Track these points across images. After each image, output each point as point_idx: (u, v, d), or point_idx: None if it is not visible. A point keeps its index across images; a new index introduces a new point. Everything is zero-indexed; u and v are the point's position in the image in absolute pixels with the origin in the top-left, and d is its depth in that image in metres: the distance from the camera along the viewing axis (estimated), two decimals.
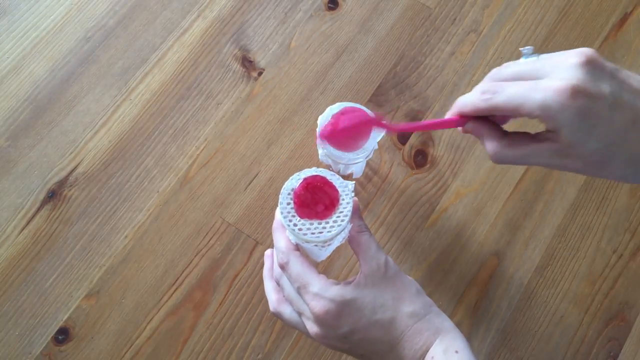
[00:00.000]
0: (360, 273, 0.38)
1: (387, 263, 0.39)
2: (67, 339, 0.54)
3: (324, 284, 0.37)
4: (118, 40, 0.65)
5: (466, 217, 0.59)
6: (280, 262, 0.39)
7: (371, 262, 0.38)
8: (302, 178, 0.39)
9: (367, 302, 0.37)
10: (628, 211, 0.60)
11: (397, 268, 0.39)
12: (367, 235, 0.39)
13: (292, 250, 0.39)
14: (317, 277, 0.37)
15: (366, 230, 0.40)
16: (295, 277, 0.38)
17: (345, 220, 0.38)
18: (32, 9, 0.66)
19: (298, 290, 0.38)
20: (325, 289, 0.37)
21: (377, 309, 0.37)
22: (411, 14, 0.67)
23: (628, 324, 0.56)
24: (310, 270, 0.38)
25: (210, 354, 0.54)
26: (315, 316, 0.37)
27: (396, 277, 0.38)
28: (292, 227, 0.38)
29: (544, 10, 0.67)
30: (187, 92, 0.63)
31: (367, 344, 0.37)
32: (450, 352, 0.35)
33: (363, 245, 0.39)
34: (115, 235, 0.58)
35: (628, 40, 0.66)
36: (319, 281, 0.37)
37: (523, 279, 0.57)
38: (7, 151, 0.60)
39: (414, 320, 0.37)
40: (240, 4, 0.66)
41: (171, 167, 0.60)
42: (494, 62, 0.65)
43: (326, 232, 0.38)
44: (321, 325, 0.37)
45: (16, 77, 0.63)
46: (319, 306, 0.36)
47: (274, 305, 0.42)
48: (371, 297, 0.37)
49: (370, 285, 0.37)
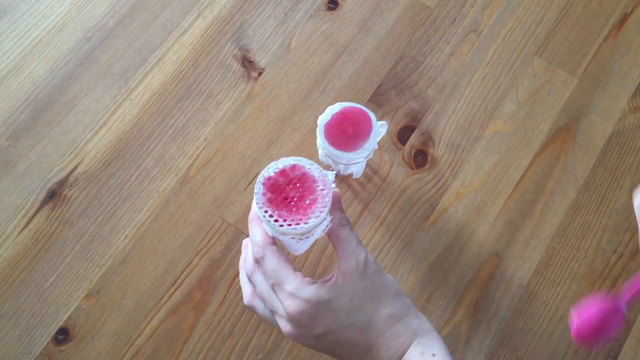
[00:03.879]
0: (339, 270, 0.37)
1: (367, 260, 0.37)
2: (67, 339, 0.54)
3: (300, 283, 0.35)
4: (118, 40, 0.65)
5: (466, 217, 0.59)
6: (256, 256, 0.37)
7: (350, 259, 0.37)
8: (279, 167, 0.37)
9: (343, 303, 0.35)
10: (628, 211, 0.60)
11: (377, 266, 0.38)
12: (347, 230, 0.38)
13: (268, 245, 0.37)
14: (293, 275, 0.36)
15: (347, 224, 0.38)
16: (270, 273, 0.36)
17: (324, 211, 0.36)
18: (32, 9, 0.66)
19: (272, 287, 0.37)
20: (300, 288, 0.35)
21: (353, 310, 0.36)
22: (411, 14, 0.67)
23: (628, 324, 0.56)
24: (286, 267, 0.36)
25: (210, 354, 0.54)
26: (289, 316, 0.36)
27: (375, 276, 0.37)
28: (268, 219, 0.36)
29: (544, 10, 0.67)
30: (187, 92, 0.63)
31: (342, 346, 0.36)
32: (427, 355, 0.35)
33: (343, 240, 0.37)
34: (115, 235, 0.58)
35: (628, 40, 0.66)
36: (294, 279, 0.36)
37: (523, 279, 0.57)
38: (7, 151, 0.60)
39: (390, 323, 0.36)
40: (240, 4, 0.66)
41: (171, 167, 0.60)
42: (494, 62, 0.65)
43: (302, 224, 0.35)
44: (295, 325, 0.36)
45: (16, 77, 0.63)
46: (293, 306, 0.35)
47: (247, 298, 0.40)
48: (348, 297, 0.36)
49: (348, 285, 0.36)
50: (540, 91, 0.64)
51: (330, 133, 0.47)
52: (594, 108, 0.64)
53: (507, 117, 0.63)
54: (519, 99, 0.64)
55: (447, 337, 0.55)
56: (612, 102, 0.64)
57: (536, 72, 0.65)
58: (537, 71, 0.65)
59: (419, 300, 0.56)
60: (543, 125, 0.63)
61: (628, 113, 0.63)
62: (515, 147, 0.62)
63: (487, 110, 0.63)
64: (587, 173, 0.61)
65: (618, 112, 0.63)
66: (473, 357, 0.55)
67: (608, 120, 0.63)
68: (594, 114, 0.63)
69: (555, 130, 0.63)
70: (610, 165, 0.61)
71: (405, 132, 0.62)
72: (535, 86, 0.64)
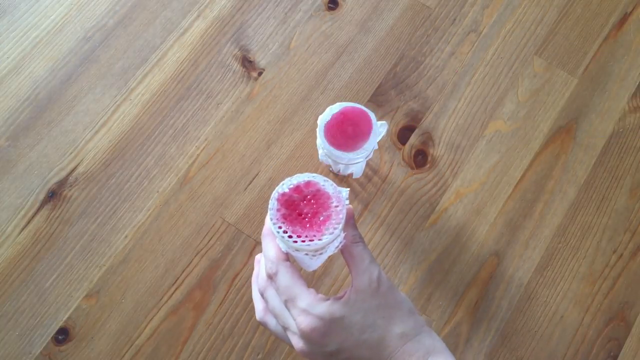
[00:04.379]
0: (351, 287, 0.36)
1: (380, 278, 0.37)
2: (67, 339, 0.54)
3: (313, 300, 0.35)
4: (118, 40, 0.65)
5: (466, 217, 0.59)
6: (269, 272, 0.37)
7: (363, 276, 0.36)
8: (294, 184, 0.37)
9: (356, 320, 0.35)
10: (628, 211, 0.60)
11: (390, 283, 0.37)
12: (360, 247, 0.38)
13: (282, 261, 0.37)
14: (307, 292, 0.36)
15: (360, 240, 0.38)
16: (283, 289, 0.36)
17: (338, 228, 0.36)
18: (32, 9, 0.66)
19: (285, 303, 0.36)
20: (313, 305, 0.35)
21: (366, 328, 0.35)
22: (411, 14, 0.67)
23: (628, 324, 0.56)
24: (299, 283, 0.36)
25: (210, 354, 0.54)
26: (302, 332, 0.35)
27: (388, 294, 0.37)
28: (282, 235, 0.36)
29: (544, 10, 0.67)
30: (187, 92, 0.63)
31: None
32: None
33: (356, 257, 0.37)
34: (115, 235, 0.58)
35: (628, 40, 0.66)
36: (307, 296, 0.36)
37: (523, 279, 0.57)
38: (7, 151, 0.60)
39: (403, 341, 0.35)
40: (240, 4, 0.66)
41: (171, 167, 0.60)
42: (494, 62, 0.65)
43: (316, 240, 0.35)
44: (307, 341, 0.36)
45: (16, 77, 0.63)
46: (306, 322, 0.35)
47: (260, 314, 0.40)
48: (361, 315, 0.35)
49: (360, 302, 0.36)
50: (540, 91, 0.64)
51: (331, 133, 0.47)
52: (594, 108, 0.64)
53: (507, 117, 0.63)
54: (519, 99, 0.64)
55: (447, 337, 0.55)
56: (612, 102, 0.64)
57: (536, 72, 0.65)
58: (537, 71, 0.65)
59: (419, 300, 0.56)
60: (543, 125, 0.63)
61: (628, 113, 0.63)
62: (515, 147, 0.62)
63: (487, 110, 0.63)
64: (587, 173, 0.61)
65: (618, 112, 0.63)
66: (473, 357, 0.55)
67: (608, 120, 0.63)
68: (594, 114, 0.63)
69: (555, 130, 0.63)
70: (610, 165, 0.61)
71: (405, 132, 0.62)
72: (535, 86, 0.64)
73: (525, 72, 0.65)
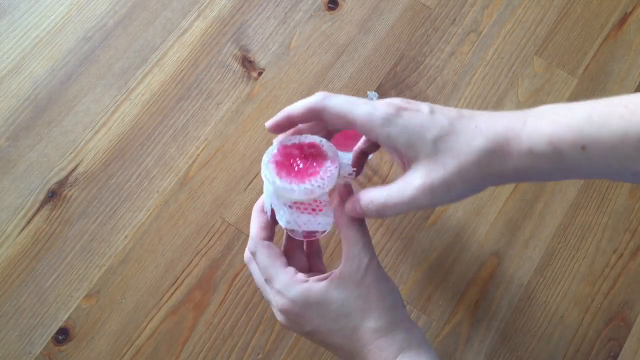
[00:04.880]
0: (337, 271, 0.36)
1: (369, 267, 0.36)
2: (67, 339, 0.54)
3: (288, 282, 0.35)
4: (118, 40, 0.65)
5: (466, 217, 0.59)
6: (250, 249, 0.38)
7: (352, 263, 0.36)
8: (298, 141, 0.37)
9: (332, 309, 0.35)
10: (628, 211, 0.60)
11: (378, 274, 0.36)
12: (355, 228, 0.37)
13: (259, 240, 0.37)
14: (283, 272, 0.36)
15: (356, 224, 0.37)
16: (261, 268, 0.37)
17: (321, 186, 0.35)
18: (32, 9, 0.66)
19: (265, 281, 0.37)
20: (288, 287, 0.35)
21: (340, 317, 0.35)
22: (411, 14, 0.67)
23: (628, 324, 0.56)
24: (275, 263, 0.36)
25: (210, 354, 0.54)
26: (279, 311, 0.36)
27: (372, 286, 0.36)
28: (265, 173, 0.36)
29: (544, 10, 0.67)
30: (187, 92, 0.63)
31: (329, 346, 0.37)
32: None
33: (350, 239, 0.36)
34: (115, 235, 0.58)
35: (628, 40, 0.66)
36: (284, 277, 0.35)
37: (523, 279, 0.57)
38: (7, 151, 0.60)
39: (376, 336, 0.35)
40: (240, 4, 0.66)
41: (171, 167, 0.60)
42: (494, 62, 0.65)
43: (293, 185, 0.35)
44: (285, 318, 0.36)
45: (16, 77, 0.63)
46: (281, 303, 0.35)
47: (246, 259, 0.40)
48: (338, 303, 0.35)
49: (341, 290, 0.35)
50: (540, 91, 0.64)
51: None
52: None
53: None
54: (519, 99, 0.64)
55: (447, 337, 0.55)
56: None
57: (536, 72, 0.65)
58: (537, 71, 0.65)
59: (419, 300, 0.56)
60: None
61: None
62: None
63: (487, 110, 0.63)
64: None
65: None
66: (473, 357, 0.55)
67: None
68: None
69: None
70: None
71: None
72: (535, 86, 0.64)
73: (525, 72, 0.65)
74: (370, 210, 0.34)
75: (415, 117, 0.33)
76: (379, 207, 0.33)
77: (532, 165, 0.31)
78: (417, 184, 0.32)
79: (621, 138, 0.30)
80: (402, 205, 0.33)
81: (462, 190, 0.32)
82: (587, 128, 0.30)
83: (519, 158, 0.31)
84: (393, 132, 0.33)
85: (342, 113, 0.34)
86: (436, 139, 0.32)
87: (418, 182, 0.32)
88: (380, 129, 0.33)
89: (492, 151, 0.32)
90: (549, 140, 0.31)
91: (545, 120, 0.32)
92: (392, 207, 0.33)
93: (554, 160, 0.31)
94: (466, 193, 0.33)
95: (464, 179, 0.32)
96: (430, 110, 0.33)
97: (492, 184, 0.33)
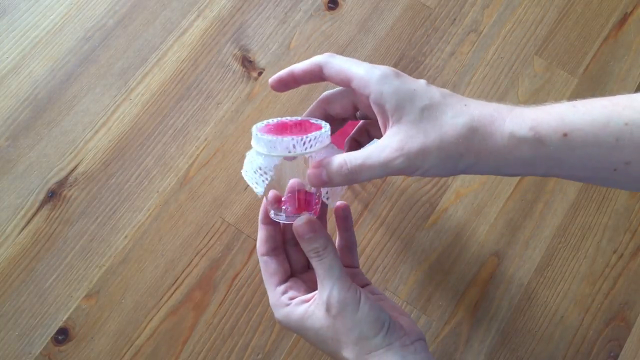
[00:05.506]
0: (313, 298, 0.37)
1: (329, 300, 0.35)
2: (67, 339, 0.54)
3: (274, 303, 0.38)
4: (118, 40, 0.65)
5: (466, 217, 0.59)
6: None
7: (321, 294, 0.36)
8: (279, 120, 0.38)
9: (310, 335, 0.37)
10: (628, 211, 0.60)
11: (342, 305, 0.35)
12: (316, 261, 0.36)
13: (260, 255, 0.40)
14: (272, 292, 0.38)
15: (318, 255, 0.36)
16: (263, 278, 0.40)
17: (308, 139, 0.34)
18: (32, 9, 0.66)
19: None
20: (274, 307, 0.38)
21: (318, 343, 0.37)
22: (411, 14, 0.67)
23: (628, 324, 0.56)
24: (268, 282, 0.39)
25: (210, 354, 0.54)
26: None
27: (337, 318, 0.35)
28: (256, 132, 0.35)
29: (544, 10, 0.67)
30: (187, 92, 0.63)
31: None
32: None
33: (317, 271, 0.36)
34: (115, 235, 0.57)
35: (628, 40, 0.66)
36: (272, 296, 0.38)
37: (523, 279, 0.57)
38: (6, 151, 0.60)
39: None
40: (240, 4, 0.66)
41: (171, 167, 0.60)
42: (494, 62, 0.65)
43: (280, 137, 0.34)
44: None
45: (16, 77, 0.63)
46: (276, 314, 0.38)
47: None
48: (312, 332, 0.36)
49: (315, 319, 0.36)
50: (540, 91, 0.64)
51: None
52: None
53: None
54: (519, 99, 0.63)
55: (447, 337, 0.55)
56: None
57: (536, 72, 0.65)
58: (537, 71, 0.65)
59: (419, 301, 0.56)
60: None
61: None
62: None
63: None
64: None
65: None
66: (473, 357, 0.55)
67: None
68: None
69: None
70: None
71: None
72: (535, 86, 0.64)
73: (526, 72, 0.65)
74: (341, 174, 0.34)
75: (410, 83, 0.34)
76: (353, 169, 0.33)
77: (512, 151, 0.31)
78: (395, 145, 0.32)
79: (603, 126, 0.30)
80: (378, 167, 0.33)
81: (437, 162, 0.32)
82: (570, 115, 0.31)
83: (501, 140, 0.31)
84: (386, 90, 0.33)
85: (342, 69, 0.35)
86: (424, 108, 0.33)
87: (396, 144, 0.32)
88: (375, 86, 0.33)
89: (475, 129, 0.32)
90: (531, 125, 0.31)
91: (531, 109, 0.32)
92: (369, 168, 0.33)
93: (535, 146, 0.31)
94: (440, 168, 0.33)
95: (441, 150, 0.32)
96: (426, 83, 0.34)
97: (467, 167, 0.33)
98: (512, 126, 0.31)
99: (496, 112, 0.32)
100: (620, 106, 0.30)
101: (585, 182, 0.34)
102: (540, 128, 0.31)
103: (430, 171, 0.33)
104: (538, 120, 0.31)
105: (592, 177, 0.32)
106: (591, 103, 0.31)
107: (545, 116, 0.31)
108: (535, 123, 0.31)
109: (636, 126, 0.29)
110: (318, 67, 0.36)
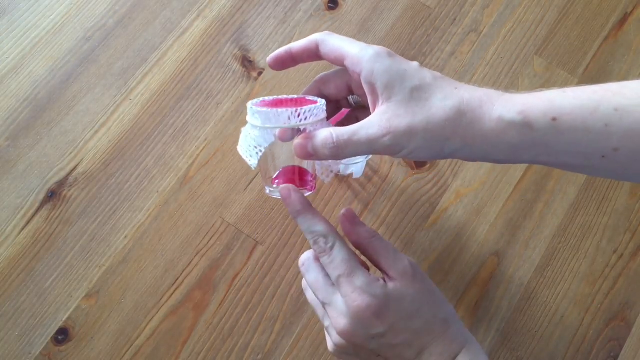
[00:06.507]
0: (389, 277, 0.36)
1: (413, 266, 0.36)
2: (66, 339, 0.54)
3: (370, 279, 0.34)
4: (118, 40, 0.65)
5: (466, 217, 0.59)
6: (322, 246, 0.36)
7: (397, 265, 0.36)
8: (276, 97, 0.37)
9: (407, 305, 0.35)
10: (628, 211, 0.60)
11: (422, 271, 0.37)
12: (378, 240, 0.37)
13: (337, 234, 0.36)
14: (363, 269, 0.35)
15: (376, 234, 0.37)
16: (339, 263, 0.35)
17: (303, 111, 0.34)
18: (32, 9, 0.66)
19: (338, 278, 0.35)
20: (370, 283, 0.34)
21: (414, 313, 0.35)
22: (411, 14, 0.67)
23: (628, 324, 0.56)
24: (356, 259, 0.35)
25: (210, 354, 0.54)
26: (353, 311, 0.34)
27: (425, 281, 0.36)
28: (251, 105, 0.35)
29: (544, 10, 0.67)
30: (187, 92, 0.63)
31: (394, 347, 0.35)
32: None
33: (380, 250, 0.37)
34: (115, 235, 0.57)
35: (628, 40, 0.66)
36: (364, 274, 0.35)
37: (523, 279, 0.57)
38: (6, 151, 0.60)
39: (445, 328, 0.35)
40: (240, 4, 0.66)
41: (171, 167, 0.60)
42: (494, 61, 0.65)
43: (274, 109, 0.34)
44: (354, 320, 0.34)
45: (16, 77, 0.63)
46: (360, 300, 0.34)
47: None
48: (409, 300, 0.35)
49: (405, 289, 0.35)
50: None
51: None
52: None
53: None
54: None
55: None
56: None
57: (536, 72, 0.65)
58: (537, 71, 0.65)
59: None
60: None
61: None
62: None
63: None
64: None
65: None
66: None
67: None
68: None
69: None
70: None
71: None
72: (535, 86, 0.64)
73: (526, 72, 0.65)
74: (326, 147, 0.33)
75: (403, 64, 0.34)
76: (339, 143, 0.33)
77: (500, 135, 0.31)
78: (382, 124, 0.32)
79: (592, 111, 0.30)
80: (364, 143, 0.33)
81: (423, 143, 0.32)
82: (560, 100, 0.31)
83: (489, 123, 0.31)
84: (378, 68, 0.33)
85: (337, 47, 0.35)
86: (414, 88, 0.33)
87: (384, 122, 0.32)
88: (367, 63, 0.33)
89: (463, 112, 0.32)
90: (520, 109, 0.31)
91: (522, 94, 0.32)
92: (355, 144, 0.33)
93: (523, 131, 0.31)
94: (425, 149, 0.32)
95: (427, 132, 0.32)
96: (419, 65, 0.34)
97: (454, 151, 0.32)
98: (501, 110, 0.31)
99: (486, 96, 0.32)
100: (610, 92, 0.30)
101: (573, 170, 0.33)
102: (529, 112, 0.31)
103: (415, 152, 0.32)
104: (527, 105, 0.31)
105: (580, 165, 0.32)
106: (582, 89, 0.31)
107: (535, 101, 0.31)
108: (525, 107, 0.31)
109: (626, 112, 0.29)
110: (315, 45, 0.36)
